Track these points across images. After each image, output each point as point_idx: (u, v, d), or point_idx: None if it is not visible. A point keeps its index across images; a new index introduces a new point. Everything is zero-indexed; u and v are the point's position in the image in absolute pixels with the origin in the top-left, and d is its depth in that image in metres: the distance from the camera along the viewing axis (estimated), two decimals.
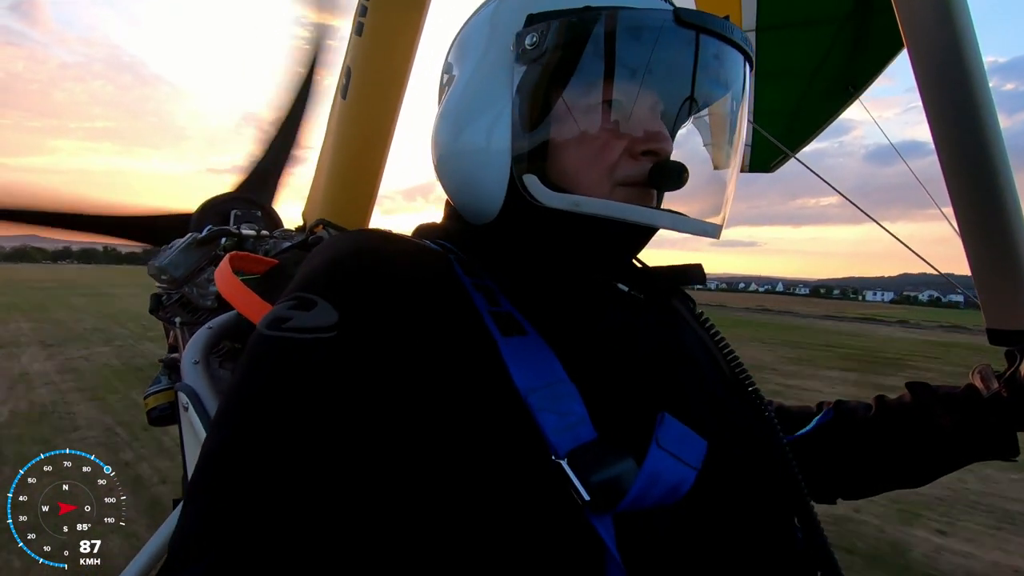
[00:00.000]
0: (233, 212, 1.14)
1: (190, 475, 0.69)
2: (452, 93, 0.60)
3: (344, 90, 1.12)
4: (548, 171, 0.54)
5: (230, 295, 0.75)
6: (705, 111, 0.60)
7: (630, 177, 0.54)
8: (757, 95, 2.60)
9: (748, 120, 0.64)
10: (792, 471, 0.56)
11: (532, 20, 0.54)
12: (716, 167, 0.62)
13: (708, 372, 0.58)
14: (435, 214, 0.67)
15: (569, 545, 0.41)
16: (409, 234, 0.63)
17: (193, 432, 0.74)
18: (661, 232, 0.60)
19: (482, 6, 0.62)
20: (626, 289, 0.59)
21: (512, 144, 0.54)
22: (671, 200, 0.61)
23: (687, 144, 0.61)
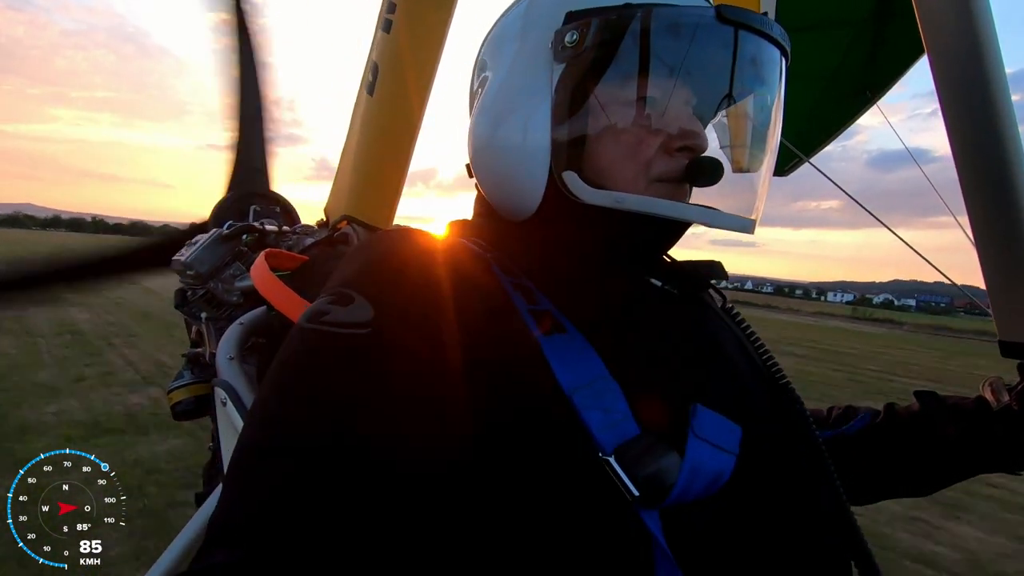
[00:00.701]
0: (252, 208, 1.14)
1: (226, 466, 0.70)
2: (488, 90, 0.60)
3: (371, 87, 1.11)
4: (585, 167, 0.54)
5: (268, 292, 0.76)
6: (742, 107, 0.61)
7: (666, 173, 0.55)
8: None
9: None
10: (826, 463, 0.57)
11: (572, 17, 0.54)
12: (751, 164, 0.63)
13: (741, 366, 0.58)
14: (434, 200, 0.67)
15: (620, 541, 0.41)
16: (443, 232, 0.63)
17: (232, 426, 0.76)
18: None
19: (516, 3, 0.62)
20: (660, 284, 0.59)
21: (551, 141, 0.54)
22: (707, 196, 0.61)
23: (723, 140, 0.61)
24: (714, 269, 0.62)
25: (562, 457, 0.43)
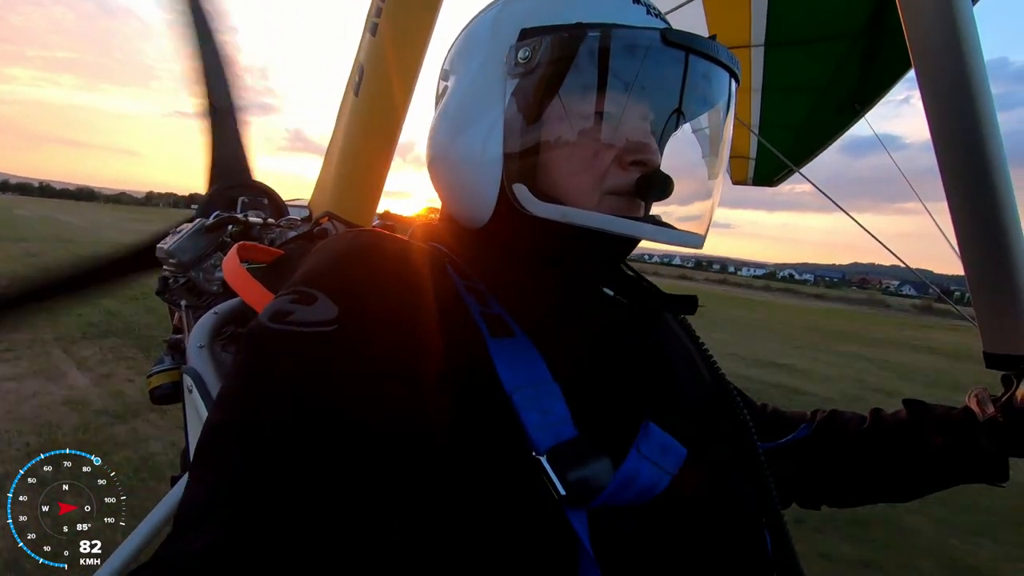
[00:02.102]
0: (240, 199, 1.16)
1: (192, 452, 0.71)
2: (448, 99, 0.62)
3: (356, 87, 1.14)
4: (539, 180, 0.56)
5: (236, 284, 0.77)
6: (692, 124, 0.63)
7: (618, 186, 0.56)
8: (765, 109, 2.61)
9: (731, 136, 0.65)
10: (765, 479, 0.58)
11: (525, 35, 0.56)
12: (700, 180, 0.65)
13: (688, 376, 0.60)
14: (412, 175, 0.69)
15: (546, 537, 0.43)
16: (406, 235, 0.65)
17: (196, 413, 0.76)
18: None
19: (480, 14, 0.64)
20: (611, 294, 0.61)
21: (503, 153, 0.56)
22: (659, 211, 0.63)
23: (674, 156, 0.63)
24: (681, 305, 0.62)
25: (498, 453, 0.44)
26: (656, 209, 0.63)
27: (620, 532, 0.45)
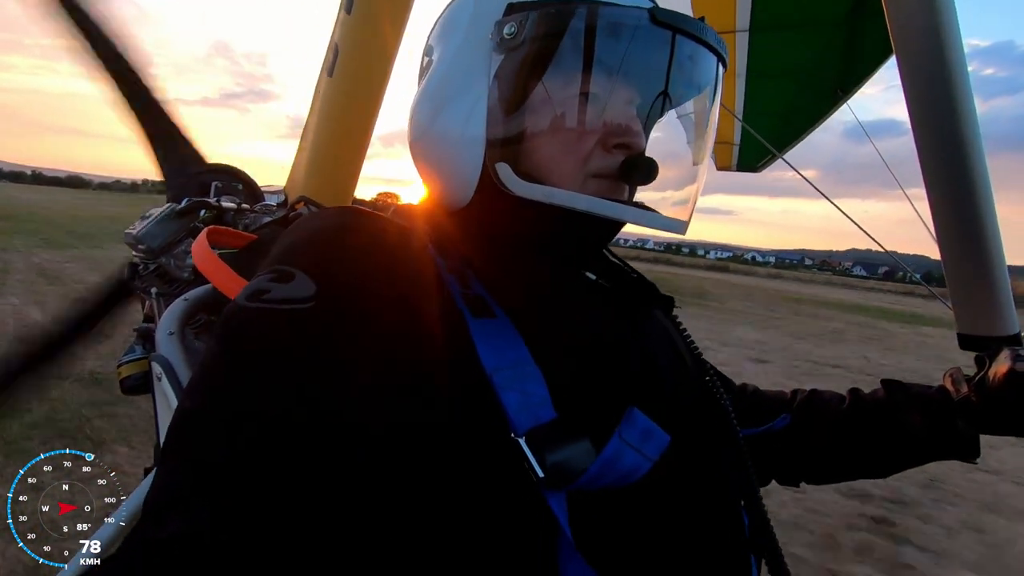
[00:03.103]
0: (214, 184, 1.12)
1: (162, 439, 0.69)
2: (431, 76, 0.60)
3: (331, 68, 1.11)
4: (522, 160, 0.55)
5: (207, 270, 0.74)
6: (678, 108, 0.62)
7: (602, 169, 0.55)
8: (748, 95, 2.61)
9: (718, 120, 0.65)
10: (745, 465, 0.58)
11: (512, 9, 0.54)
12: (686, 164, 0.64)
13: (669, 362, 0.60)
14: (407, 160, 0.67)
15: (524, 519, 0.42)
16: (388, 213, 0.64)
17: (166, 401, 0.74)
18: None
19: None
20: (593, 278, 0.60)
21: (487, 132, 0.55)
22: (644, 195, 0.62)
23: (659, 140, 0.62)
24: (656, 297, 0.63)
25: (477, 434, 0.44)
26: (641, 194, 0.63)
27: (600, 515, 0.44)
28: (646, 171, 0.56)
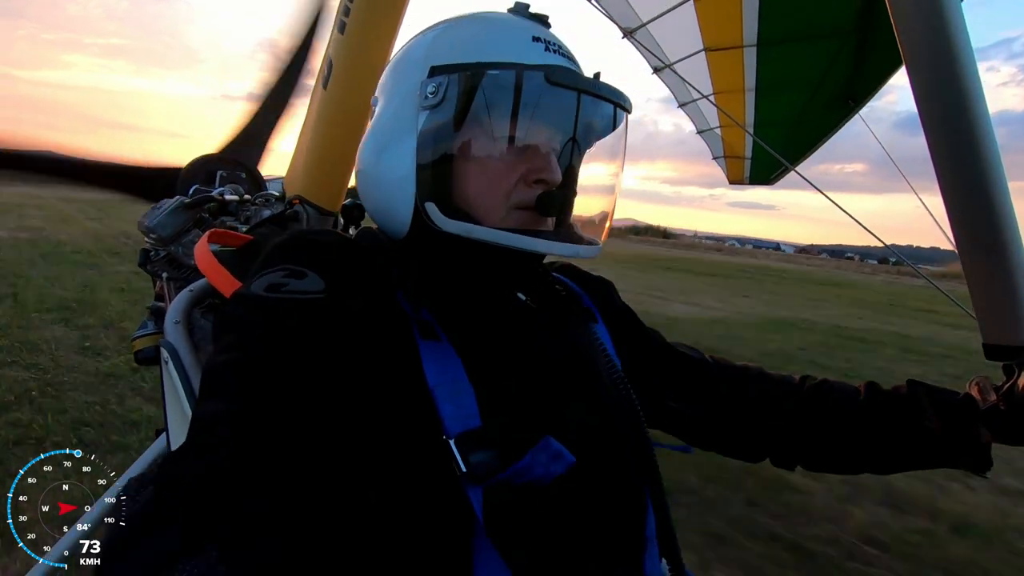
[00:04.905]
0: (219, 173, 1.22)
1: (170, 420, 0.83)
2: (375, 122, 0.68)
3: (325, 81, 1.19)
4: (453, 197, 0.62)
5: (206, 270, 0.83)
6: (588, 148, 0.71)
7: (522, 202, 0.62)
8: (759, 107, 2.62)
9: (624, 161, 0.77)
10: (652, 463, 0.66)
11: (434, 72, 0.62)
12: (593, 197, 0.73)
13: (588, 371, 0.67)
14: None
15: (447, 506, 0.51)
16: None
17: (172, 384, 0.81)
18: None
19: (406, 45, 0.70)
20: (524, 299, 0.69)
21: (416, 175, 0.62)
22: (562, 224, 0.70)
23: (573, 176, 0.71)
24: (575, 309, 0.72)
25: (417, 435, 0.53)
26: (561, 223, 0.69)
27: (511, 510, 0.53)
28: (559, 203, 0.65)
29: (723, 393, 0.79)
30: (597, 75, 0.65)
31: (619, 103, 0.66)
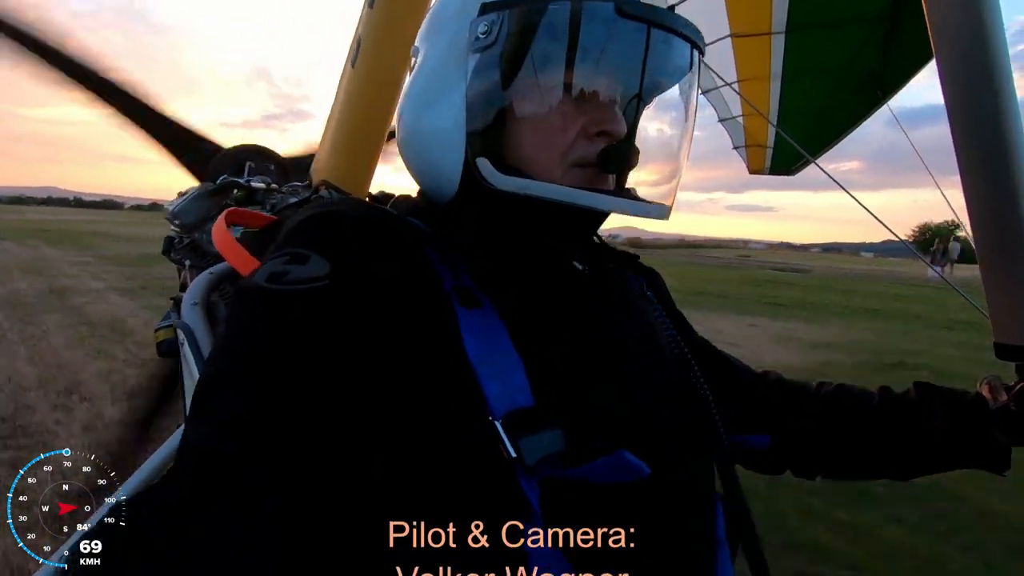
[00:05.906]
0: (248, 164, 1.21)
1: (188, 403, 0.75)
2: (416, 75, 0.62)
3: (354, 59, 1.17)
4: (505, 154, 0.56)
5: (223, 248, 0.79)
6: (657, 96, 0.63)
7: (583, 158, 0.56)
8: (783, 95, 2.57)
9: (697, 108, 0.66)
10: (723, 448, 0.59)
11: (484, 9, 0.56)
12: (665, 152, 0.65)
13: (649, 347, 0.60)
14: None
15: (494, 496, 0.45)
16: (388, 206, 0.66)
17: (188, 365, 0.80)
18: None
19: None
20: (580, 267, 0.61)
21: (467, 128, 0.56)
22: (629, 182, 0.64)
23: (641, 128, 0.63)
24: (631, 262, 0.66)
25: (458, 415, 0.47)
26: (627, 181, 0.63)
27: (572, 503, 0.46)
28: (625, 158, 0.58)
29: (756, 400, 0.76)
30: (672, 7, 0.57)
31: (696, 42, 0.58)
